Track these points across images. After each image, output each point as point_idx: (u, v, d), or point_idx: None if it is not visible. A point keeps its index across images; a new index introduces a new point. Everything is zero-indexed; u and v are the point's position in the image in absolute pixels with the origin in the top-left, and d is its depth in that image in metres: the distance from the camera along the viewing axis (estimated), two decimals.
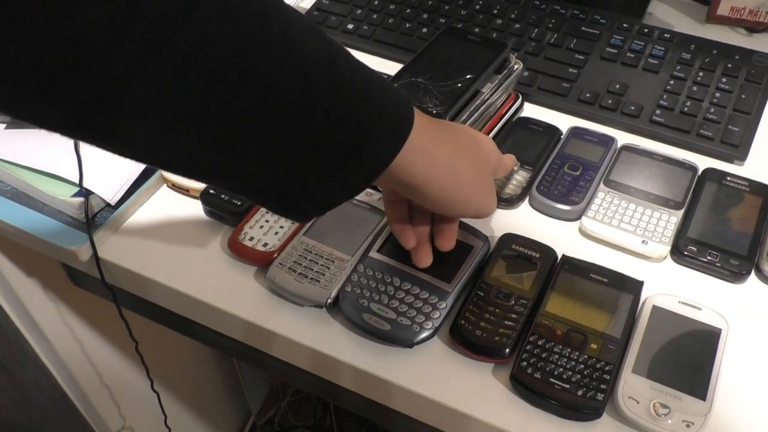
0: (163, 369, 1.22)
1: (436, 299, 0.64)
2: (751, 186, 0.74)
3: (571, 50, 0.92)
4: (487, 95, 0.79)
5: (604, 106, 0.85)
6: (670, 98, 0.84)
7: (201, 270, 0.71)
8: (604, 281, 0.66)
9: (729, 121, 0.81)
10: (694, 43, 0.90)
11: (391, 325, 0.62)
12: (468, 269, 0.66)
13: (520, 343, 0.62)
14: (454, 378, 0.62)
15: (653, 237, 0.70)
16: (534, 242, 0.69)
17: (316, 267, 0.67)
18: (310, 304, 0.66)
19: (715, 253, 0.68)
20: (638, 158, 0.78)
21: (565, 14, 0.96)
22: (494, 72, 0.80)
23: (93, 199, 0.74)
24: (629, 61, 0.89)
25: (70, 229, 0.73)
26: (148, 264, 0.72)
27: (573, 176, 0.76)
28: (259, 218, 0.72)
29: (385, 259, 0.67)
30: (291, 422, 1.80)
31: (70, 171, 0.74)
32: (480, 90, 0.78)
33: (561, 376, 0.59)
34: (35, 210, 0.75)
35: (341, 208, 0.70)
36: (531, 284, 0.65)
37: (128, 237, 0.75)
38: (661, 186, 0.75)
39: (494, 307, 0.64)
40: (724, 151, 0.79)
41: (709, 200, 0.73)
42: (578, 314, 0.63)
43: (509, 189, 0.75)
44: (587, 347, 0.60)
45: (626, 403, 0.57)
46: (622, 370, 0.59)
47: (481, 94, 0.78)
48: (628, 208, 0.72)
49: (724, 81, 0.85)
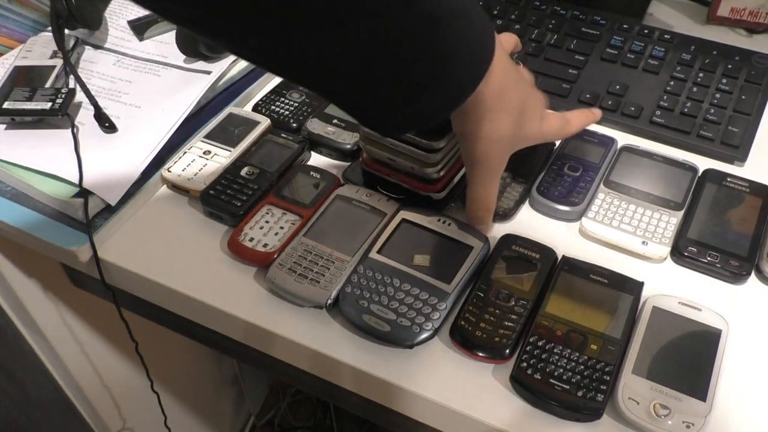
0: (163, 370, 1.21)
1: (436, 300, 0.64)
2: (751, 187, 0.74)
3: (571, 51, 0.92)
4: None
5: (604, 107, 0.85)
6: (670, 99, 0.84)
7: (201, 271, 0.71)
8: (604, 282, 0.65)
9: (729, 122, 0.81)
10: (694, 44, 0.90)
11: (391, 326, 0.62)
12: (468, 270, 0.66)
13: (520, 343, 0.62)
14: (454, 379, 0.62)
15: (653, 238, 0.70)
16: (534, 243, 0.69)
17: (316, 268, 0.67)
18: (310, 304, 0.66)
19: (716, 254, 0.68)
20: (638, 159, 0.78)
21: (565, 15, 0.96)
22: None
23: (93, 200, 0.74)
24: (629, 61, 0.89)
25: (70, 230, 0.73)
26: (148, 264, 0.72)
27: (573, 177, 0.76)
28: (259, 219, 0.72)
29: (385, 260, 0.67)
30: (291, 423, 1.80)
31: (70, 171, 0.74)
32: None
33: (561, 377, 0.59)
34: (35, 210, 0.75)
35: (342, 208, 0.71)
36: (531, 285, 0.65)
37: (128, 237, 0.75)
38: (661, 187, 0.74)
39: (494, 307, 0.64)
40: (724, 152, 0.79)
41: (710, 201, 0.73)
42: (578, 315, 0.63)
43: (503, 203, 0.74)
44: (587, 348, 0.60)
45: (626, 404, 0.57)
46: (622, 371, 0.59)
47: None
48: (628, 209, 0.72)
49: (724, 82, 0.85)
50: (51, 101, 0.80)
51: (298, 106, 0.86)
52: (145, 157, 0.77)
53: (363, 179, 0.76)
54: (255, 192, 0.75)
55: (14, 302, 0.92)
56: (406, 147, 0.69)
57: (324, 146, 0.82)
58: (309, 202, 0.74)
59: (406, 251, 0.67)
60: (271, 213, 0.73)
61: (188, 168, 0.78)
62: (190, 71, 0.88)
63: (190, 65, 0.89)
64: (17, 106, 0.79)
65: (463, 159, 0.66)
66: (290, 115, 0.85)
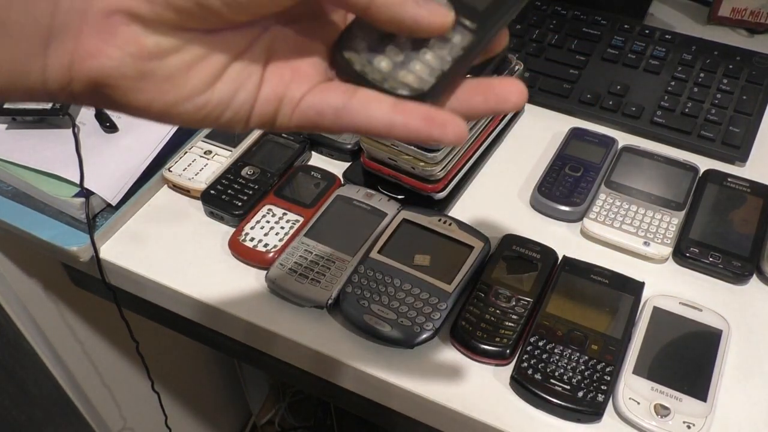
0: (164, 369, 1.22)
1: (437, 300, 0.64)
2: (752, 187, 0.74)
3: (572, 51, 0.91)
4: None
5: (605, 107, 0.85)
6: (671, 99, 0.84)
7: (201, 271, 0.71)
8: (604, 282, 0.65)
9: (730, 122, 0.81)
10: (695, 44, 0.90)
11: (391, 326, 0.62)
12: (468, 270, 0.66)
13: (521, 344, 0.62)
14: (455, 379, 0.62)
15: (655, 238, 0.70)
16: (535, 243, 0.69)
17: (316, 268, 0.67)
18: (311, 304, 0.66)
19: (717, 255, 0.68)
20: (639, 159, 0.78)
21: (566, 15, 0.96)
22: (494, 72, 0.80)
23: (94, 200, 0.74)
24: (630, 62, 0.89)
25: (71, 230, 0.73)
26: (149, 264, 0.72)
27: (574, 177, 0.76)
28: (259, 219, 0.72)
29: (385, 260, 0.67)
30: (291, 423, 1.80)
31: (71, 171, 0.74)
32: None
33: (561, 377, 0.59)
34: (36, 210, 0.75)
35: (342, 208, 0.70)
36: (532, 285, 0.65)
37: (129, 237, 0.75)
38: (663, 187, 0.74)
39: (495, 308, 0.64)
40: (725, 152, 0.79)
41: (711, 202, 0.73)
42: (579, 315, 0.63)
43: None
44: (588, 348, 0.60)
45: (627, 404, 0.57)
46: (622, 371, 0.59)
47: None
48: (630, 209, 0.72)
49: (725, 82, 0.85)
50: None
51: None
52: (146, 157, 0.78)
53: (363, 179, 0.76)
54: (256, 192, 0.75)
55: (14, 302, 0.92)
56: (407, 146, 0.69)
57: (324, 146, 0.82)
58: (309, 202, 0.74)
59: (407, 251, 0.67)
60: (272, 213, 0.73)
61: (189, 168, 0.78)
62: None
63: None
64: (18, 106, 0.79)
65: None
66: None
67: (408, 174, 0.72)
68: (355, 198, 0.73)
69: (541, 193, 0.75)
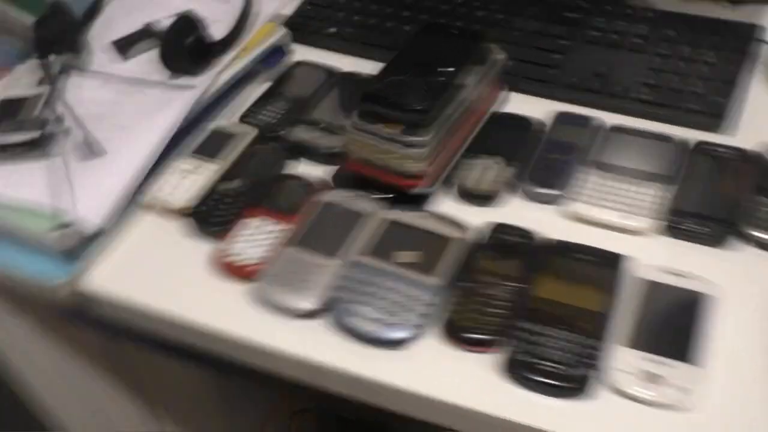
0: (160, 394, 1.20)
1: (423, 295, 0.63)
2: (739, 154, 0.74)
3: (554, 36, 0.91)
4: (471, 88, 0.78)
5: (591, 89, 0.84)
6: (656, 76, 0.83)
7: (188, 291, 0.71)
8: (590, 260, 0.66)
9: (716, 93, 0.80)
10: (678, 19, 0.89)
11: (380, 327, 0.62)
12: (452, 261, 0.66)
13: (511, 329, 0.61)
14: (449, 373, 0.61)
15: (642, 212, 0.69)
16: (517, 228, 0.69)
17: (301, 276, 0.67)
18: (298, 313, 0.66)
19: (700, 220, 0.68)
20: (627, 137, 0.77)
21: (546, 1, 0.96)
22: (476, 64, 0.80)
23: (72, 230, 0.73)
24: (613, 42, 0.88)
25: (52, 263, 0.73)
26: (134, 289, 0.72)
27: (561, 160, 0.75)
28: (244, 232, 0.72)
29: (368, 260, 0.67)
30: None
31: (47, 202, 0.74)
32: (463, 83, 0.78)
33: (553, 358, 0.59)
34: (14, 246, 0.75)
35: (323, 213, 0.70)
36: (518, 270, 0.65)
37: (111, 265, 0.74)
38: (650, 162, 0.74)
39: (482, 296, 0.63)
40: (713, 122, 0.79)
41: (699, 172, 0.73)
42: (567, 295, 0.63)
43: (492, 186, 0.74)
44: (578, 327, 0.60)
45: (619, 377, 0.58)
46: (613, 345, 0.59)
47: (464, 87, 0.78)
48: (620, 187, 0.72)
49: (711, 54, 0.84)
50: (40, 129, 0.80)
51: (284, 114, 0.86)
52: (132, 180, 0.77)
53: (348, 182, 0.76)
54: (239, 205, 0.75)
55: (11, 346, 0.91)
56: (390, 144, 0.69)
57: (309, 152, 0.82)
58: (292, 211, 0.74)
59: (390, 250, 0.67)
60: (254, 225, 0.73)
61: (172, 186, 0.78)
62: (174, 87, 0.88)
63: (175, 81, 0.89)
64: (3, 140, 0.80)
65: None
66: (277, 123, 0.85)
67: (394, 172, 0.72)
68: (338, 202, 0.73)
69: (527, 178, 0.74)
